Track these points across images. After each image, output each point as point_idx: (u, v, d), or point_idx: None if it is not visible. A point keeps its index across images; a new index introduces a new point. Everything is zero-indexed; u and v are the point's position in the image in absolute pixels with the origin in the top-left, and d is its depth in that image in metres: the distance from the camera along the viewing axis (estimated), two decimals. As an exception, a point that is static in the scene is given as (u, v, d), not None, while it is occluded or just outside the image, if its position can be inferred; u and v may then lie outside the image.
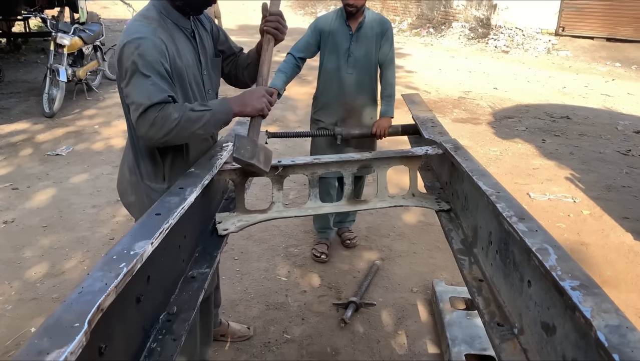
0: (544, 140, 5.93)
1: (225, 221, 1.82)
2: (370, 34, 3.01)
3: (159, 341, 1.20)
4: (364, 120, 3.15)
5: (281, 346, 2.57)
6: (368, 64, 3.05)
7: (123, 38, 1.57)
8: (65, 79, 6.24)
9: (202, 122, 1.59)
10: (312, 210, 1.95)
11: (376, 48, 3.05)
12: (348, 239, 3.52)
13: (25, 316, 2.70)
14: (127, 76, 1.54)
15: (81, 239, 3.52)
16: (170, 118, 1.52)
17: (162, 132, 1.53)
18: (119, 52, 1.56)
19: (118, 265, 1.00)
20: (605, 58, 11.07)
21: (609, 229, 3.84)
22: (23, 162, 4.88)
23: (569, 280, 0.98)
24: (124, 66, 1.54)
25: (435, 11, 14.80)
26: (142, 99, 1.51)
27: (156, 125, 1.51)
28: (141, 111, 1.51)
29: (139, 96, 1.52)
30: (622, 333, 0.82)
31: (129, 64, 1.52)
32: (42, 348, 0.78)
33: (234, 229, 1.80)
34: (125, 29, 1.62)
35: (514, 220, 1.26)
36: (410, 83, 8.56)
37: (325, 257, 3.35)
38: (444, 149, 1.95)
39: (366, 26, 3.00)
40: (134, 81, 1.53)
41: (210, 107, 1.62)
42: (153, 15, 1.65)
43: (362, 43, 3.01)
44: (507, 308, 1.30)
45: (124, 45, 1.54)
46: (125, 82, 1.56)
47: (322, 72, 3.14)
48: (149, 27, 1.59)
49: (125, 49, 1.54)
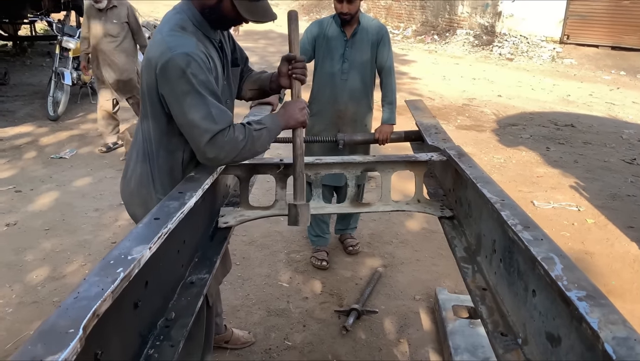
0: (548, 148, 5.90)
1: (228, 215, 1.86)
2: (366, 39, 3.00)
3: (157, 347, 1.18)
4: (357, 127, 3.13)
5: (282, 353, 2.54)
6: (363, 71, 3.04)
7: (164, 50, 1.51)
8: (70, 83, 6.25)
9: (262, 140, 1.63)
10: (315, 210, 1.96)
11: (372, 54, 3.03)
12: (350, 246, 3.49)
13: (25, 320, 2.69)
14: (179, 93, 1.51)
15: (83, 243, 3.51)
16: (237, 140, 1.55)
17: (231, 155, 1.56)
18: (162, 65, 1.50)
19: (115, 270, 0.99)
20: (610, 66, 11.05)
21: (614, 238, 3.81)
22: (27, 165, 4.88)
23: (576, 290, 0.95)
24: (173, 82, 1.51)
25: (440, 18, 14.82)
26: (208, 125, 1.50)
27: (225, 149, 1.53)
28: (210, 137, 1.50)
29: (203, 120, 1.50)
30: (630, 346, 0.80)
31: (182, 82, 1.49)
32: (36, 354, 0.76)
33: (234, 223, 1.84)
34: (162, 39, 1.55)
35: (518, 228, 1.24)
36: (414, 90, 8.56)
37: (325, 263, 3.32)
38: (447, 156, 1.93)
39: (361, 32, 3.00)
40: (190, 102, 1.50)
41: (266, 125, 1.65)
42: (189, 26, 1.60)
43: (357, 49, 3.00)
44: (511, 317, 1.28)
45: (170, 60, 1.49)
46: (175, 99, 1.53)
47: (316, 78, 3.14)
48: (189, 40, 1.55)
49: (172, 64, 1.49)
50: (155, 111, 1.63)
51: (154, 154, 1.71)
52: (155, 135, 1.67)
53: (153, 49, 1.57)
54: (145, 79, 1.60)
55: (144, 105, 1.68)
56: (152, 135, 1.68)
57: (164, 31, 1.58)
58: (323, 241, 3.43)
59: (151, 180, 1.74)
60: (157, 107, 1.62)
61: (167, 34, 1.56)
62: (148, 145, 1.71)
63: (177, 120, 1.57)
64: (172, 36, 1.55)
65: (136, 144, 1.78)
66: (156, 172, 1.73)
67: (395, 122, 3.02)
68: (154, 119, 1.65)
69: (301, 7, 21.65)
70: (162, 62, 1.50)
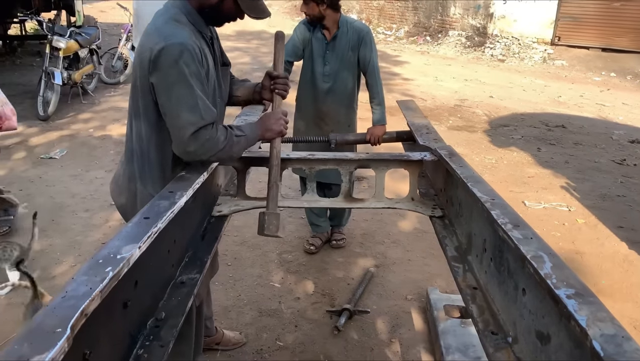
0: (539, 149, 5.94)
1: (224, 204, 1.93)
2: (345, 41, 3.02)
3: (146, 347, 1.17)
4: (341, 127, 3.15)
5: (274, 353, 2.54)
6: (344, 73, 3.07)
7: (157, 40, 1.52)
8: (60, 82, 6.20)
9: (239, 146, 1.69)
10: (308, 203, 2.07)
11: (354, 56, 3.05)
12: (335, 240, 3.53)
13: (14, 321, 2.66)
14: (169, 82, 1.52)
15: (73, 244, 3.48)
16: (219, 141, 1.59)
17: (208, 153, 1.59)
18: (155, 54, 1.51)
19: (104, 269, 0.98)
20: (601, 68, 11.13)
21: (604, 238, 3.84)
22: (16, 166, 4.84)
23: (564, 288, 0.96)
24: (164, 70, 1.52)
25: (432, 19, 14.87)
26: (194, 117, 1.53)
27: (205, 146, 1.57)
28: (194, 130, 1.53)
29: (189, 113, 1.52)
30: (618, 343, 0.81)
31: (174, 71, 1.50)
32: (22, 353, 0.76)
33: (227, 212, 1.90)
34: (156, 29, 1.56)
35: (508, 227, 1.24)
36: (406, 91, 8.57)
37: (314, 248, 3.43)
38: (438, 156, 1.93)
39: (341, 35, 3.02)
40: (179, 91, 1.52)
41: (245, 133, 1.71)
42: (183, 19, 1.62)
43: (338, 51, 3.03)
44: (501, 316, 1.29)
45: (163, 48, 1.50)
46: (164, 87, 1.53)
47: (300, 78, 3.19)
48: (183, 31, 1.56)
49: (165, 52, 1.50)
50: (146, 105, 1.63)
51: (145, 150, 1.70)
52: (146, 131, 1.66)
53: (147, 40, 1.57)
54: (139, 72, 1.60)
55: (135, 101, 1.67)
56: (143, 131, 1.67)
57: (158, 23, 1.59)
58: (318, 229, 3.53)
59: (141, 176, 1.73)
60: (149, 100, 1.61)
61: (162, 25, 1.58)
62: (138, 142, 1.71)
63: (162, 109, 1.57)
64: (166, 26, 1.57)
65: (126, 143, 1.78)
66: (146, 168, 1.72)
67: (386, 123, 3.03)
68: (145, 114, 1.64)
69: (294, 8, 21.64)
70: (156, 50, 1.51)
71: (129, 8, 8.37)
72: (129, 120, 1.75)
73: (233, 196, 1.99)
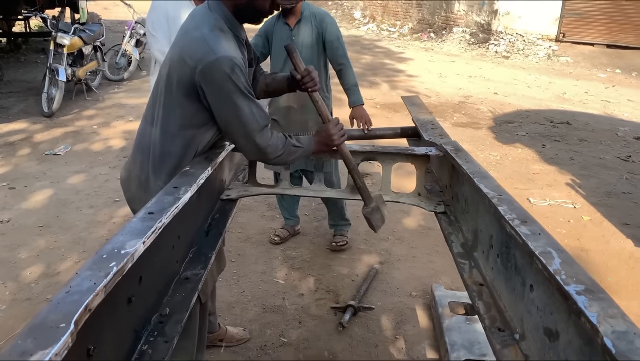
0: (544, 145, 5.91)
1: (234, 188, 2.01)
2: (310, 25, 3.04)
3: (150, 343, 1.16)
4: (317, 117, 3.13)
5: (278, 349, 2.53)
6: (311, 57, 3.05)
7: (207, 50, 1.55)
8: (64, 79, 6.21)
9: (295, 156, 1.81)
10: (314, 192, 2.15)
11: (319, 42, 3.06)
12: (334, 242, 3.48)
13: (18, 317, 2.67)
14: (225, 94, 1.58)
15: (77, 240, 3.48)
16: (277, 148, 1.72)
17: (271, 156, 1.73)
18: (206, 65, 1.54)
19: (108, 264, 0.97)
20: (606, 65, 11.07)
21: (610, 235, 3.81)
22: (20, 162, 4.85)
23: (574, 284, 0.94)
24: (218, 83, 1.57)
25: (436, 16, 14.81)
26: (256, 122, 1.64)
27: (270, 146, 1.69)
28: (259, 131, 1.65)
29: (250, 117, 1.62)
30: (630, 340, 0.79)
31: (229, 84, 1.56)
32: (26, 349, 0.75)
33: (235, 196, 1.97)
34: (202, 38, 1.58)
35: (516, 223, 1.22)
36: (410, 87, 8.55)
37: (278, 239, 3.49)
38: (444, 151, 1.92)
39: (305, 20, 3.04)
40: (237, 102, 1.59)
41: (303, 145, 1.81)
42: (225, 28, 1.64)
43: (302, 37, 3.04)
44: (508, 313, 1.27)
45: (215, 62, 1.53)
46: (221, 99, 1.60)
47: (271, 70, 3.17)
48: (230, 42, 1.62)
49: (217, 66, 1.54)
50: (182, 102, 1.65)
51: (166, 145, 1.72)
52: (176, 127, 1.70)
53: (192, 46, 1.59)
54: (177, 71, 1.62)
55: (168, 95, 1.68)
56: (172, 127, 1.70)
57: (204, 30, 1.60)
58: (288, 221, 3.59)
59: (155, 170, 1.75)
60: (187, 99, 1.64)
61: (209, 34, 1.59)
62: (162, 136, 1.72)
63: (222, 118, 1.66)
64: (214, 37, 1.58)
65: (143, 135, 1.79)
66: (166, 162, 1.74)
67: (363, 102, 3.03)
68: (180, 108, 1.67)
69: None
70: (206, 62, 1.54)
71: (132, 5, 8.39)
72: (152, 112, 1.76)
73: (243, 181, 2.09)
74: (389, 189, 2.02)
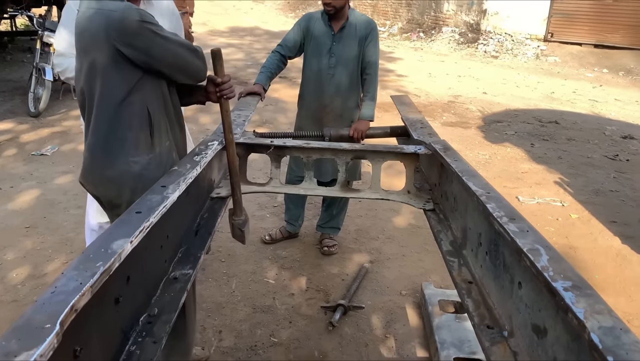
0: (532, 144, 5.95)
1: (224, 187, 2.01)
2: (353, 35, 2.96)
3: (139, 343, 1.15)
4: (343, 123, 3.07)
5: (268, 349, 2.52)
6: (350, 66, 3.00)
7: (107, 16, 1.60)
8: (51, 78, 6.12)
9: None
10: (304, 191, 2.15)
11: (359, 50, 2.99)
12: (326, 246, 3.43)
13: (4, 319, 2.63)
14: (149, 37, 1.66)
15: (65, 241, 3.45)
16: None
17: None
18: (117, 26, 1.60)
19: (95, 264, 0.96)
20: (593, 64, 11.18)
21: (597, 233, 3.85)
22: (6, 163, 4.78)
23: (561, 281, 0.95)
24: (136, 32, 1.64)
25: (426, 16, 14.86)
26: (189, 45, 1.82)
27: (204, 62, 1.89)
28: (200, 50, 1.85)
29: (183, 40, 1.81)
30: (616, 335, 0.80)
31: (145, 28, 1.65)
32: (10, 350, 0.74)
33: (225, 194, 1.97)
34: (96, 11, 1.64)
35: (504, 220, 1.23)
36: (400, 87, 8.57)
37: (268, 238, 3.48)
38: (433, 150, 1.92)
39: (350, 27, 2.96)
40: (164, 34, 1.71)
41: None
42: None
43: (345, 44, 2.97)
44: (497, 310, 1.28)
45: (122, 18, 1.60)
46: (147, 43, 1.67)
47: (304, 73, 3.11)
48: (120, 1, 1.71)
49: (125, 20, 1.62)
50: (112, 80, 1.66)
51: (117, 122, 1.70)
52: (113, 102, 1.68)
53: (90, 24, 1.62)
54: (92, 53, 1.63)
55: (92, 84, 1.67)
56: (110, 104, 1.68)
57: (91, 6, 1.63)
58: (293, 228, 3.54)
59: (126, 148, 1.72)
60: (114, 73, 1.65)
61: (97, 4, 1.62)
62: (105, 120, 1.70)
63: (161, 57, 1.69)
64: (103, 4, 1.62)
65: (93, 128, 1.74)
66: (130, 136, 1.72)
67: (373, 119, 2.98)
68: (112, 89, 1.67)
69: (287, 4, 21.58)
70: (115, 24, 1.58)
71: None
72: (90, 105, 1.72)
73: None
74: (378, 187, 2.03)
